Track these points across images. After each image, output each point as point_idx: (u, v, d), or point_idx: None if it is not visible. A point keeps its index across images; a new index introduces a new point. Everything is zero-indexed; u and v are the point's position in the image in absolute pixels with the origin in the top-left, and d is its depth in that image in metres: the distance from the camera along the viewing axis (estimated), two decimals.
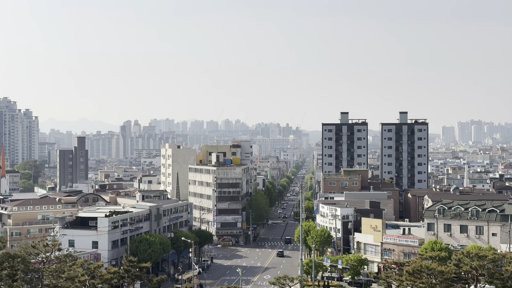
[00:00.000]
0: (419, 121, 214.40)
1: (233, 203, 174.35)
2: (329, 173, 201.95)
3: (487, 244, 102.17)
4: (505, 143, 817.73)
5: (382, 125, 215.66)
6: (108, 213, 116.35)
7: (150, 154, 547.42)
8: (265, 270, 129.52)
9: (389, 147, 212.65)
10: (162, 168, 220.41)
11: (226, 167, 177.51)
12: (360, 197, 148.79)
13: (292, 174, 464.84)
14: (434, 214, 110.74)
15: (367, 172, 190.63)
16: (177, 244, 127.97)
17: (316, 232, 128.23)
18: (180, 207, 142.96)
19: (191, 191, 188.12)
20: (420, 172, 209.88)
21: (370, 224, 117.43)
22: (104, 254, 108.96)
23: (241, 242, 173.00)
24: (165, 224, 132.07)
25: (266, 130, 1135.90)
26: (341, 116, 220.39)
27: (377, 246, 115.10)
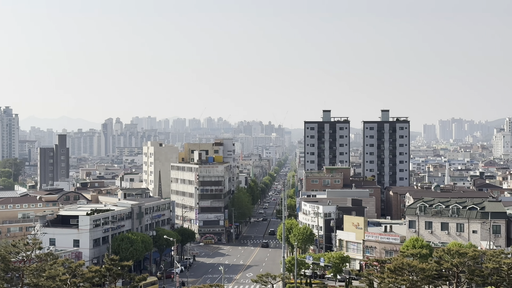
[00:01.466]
0: (401, 119, 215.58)
1: (215, 201, 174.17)
2: (311, 171, 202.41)
3: (468, 241, 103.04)
4: (486, 141, 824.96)
5: (364, 123, 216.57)
6: (90, 212, 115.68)
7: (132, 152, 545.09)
8: (248, 268, 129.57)
9: (371, 145, 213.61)
10: (144, 166, 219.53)
11: (208, 165, 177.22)
12: (342, 194, 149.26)
13: (275, 172, 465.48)
14: (416, 212, 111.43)
15: (349, 170, 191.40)
16: (159, 242, 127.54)
17: (298, 230, 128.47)
18: (162, 205, 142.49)
19: (173, 189, 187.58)
20: (402, 170, 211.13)
21: (352, 222, 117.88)
22: (85, 252, 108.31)
23: (223, 240, 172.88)
24: (147, 222, 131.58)
25: (248, 128, 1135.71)
26: (323, 114, 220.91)
27: (359, 243, 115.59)
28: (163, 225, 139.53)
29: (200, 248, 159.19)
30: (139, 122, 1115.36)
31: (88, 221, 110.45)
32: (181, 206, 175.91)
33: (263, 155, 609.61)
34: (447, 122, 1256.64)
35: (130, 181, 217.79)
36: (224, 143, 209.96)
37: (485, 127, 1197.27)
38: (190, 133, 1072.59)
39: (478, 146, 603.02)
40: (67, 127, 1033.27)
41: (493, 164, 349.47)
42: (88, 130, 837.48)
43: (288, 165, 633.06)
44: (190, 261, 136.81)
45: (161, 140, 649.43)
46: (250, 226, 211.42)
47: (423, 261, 78.47)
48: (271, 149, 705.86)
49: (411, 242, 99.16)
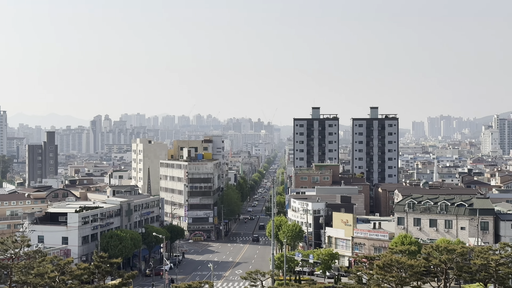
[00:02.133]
0: (390, 116, 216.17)
1: (204, 198, 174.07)
2: (301, 168, 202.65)
3: (456, 238, 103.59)
4: (474, 138, 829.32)
5: (353, 120, 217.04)
6: (78, 209, 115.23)
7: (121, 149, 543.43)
8: (237, 265, 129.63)
9: (360, 142, 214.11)
10: (133, 163, 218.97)
11: (197, 162, 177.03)
12: (331, 191, 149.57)
13: (264, 169, 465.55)
14: (404, 209, 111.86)
15: (338, 167, 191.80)
16: (148, 239, 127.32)
17: (287, 227, 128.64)
18: (151, 202, 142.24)
19: (163, 186, 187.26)
20: (391, 167, 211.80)
21: (341, 219, 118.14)
22: (74, 250, 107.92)
23: (212, 237, 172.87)
24: (136, 220, 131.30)
25: (237, 125, 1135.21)
26: (313, 111, 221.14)
27: (348, 240, 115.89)
28: (152, 222, 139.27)
29: (189, 245, 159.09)
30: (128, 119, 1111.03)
31: (77, 218, 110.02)
32: (170, 203, 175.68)
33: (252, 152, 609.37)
34: (436, 119, 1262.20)
35: (119, 178, 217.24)
36: (214, 140, 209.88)
37: (473, 124, 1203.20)
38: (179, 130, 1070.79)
39: (467, 143, 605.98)
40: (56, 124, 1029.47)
41: (481, 161, 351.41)
42: (77, 127, 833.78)
43: (278, 162, 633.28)
44: (179, 258, 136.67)
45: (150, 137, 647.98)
46: (239, 223, 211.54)
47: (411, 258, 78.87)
48: (260, 146, 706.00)
49: (399, 239, 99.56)
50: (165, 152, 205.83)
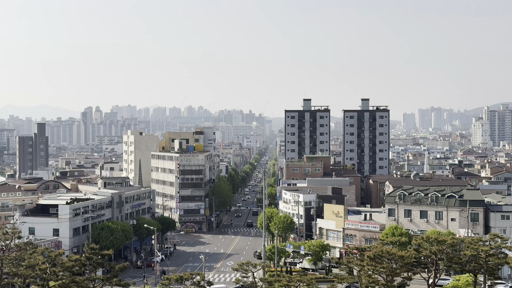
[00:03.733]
0: (381, 108, 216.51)
1: (196, 189, 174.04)
2: (292, 159, 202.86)
3: (446, 229, 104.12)
4: (464, 130, 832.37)
5: (344, 112, 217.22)
6: (69, 200, 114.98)
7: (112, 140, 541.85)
8: (228, 257, 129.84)
9: (351, 133, 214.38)
10: (124, 155, 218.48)
11: (189, 154, 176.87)
12: (323, 183, 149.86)
13: (255, 161, 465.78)
14: (395, 200, 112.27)
15: (329, 158, 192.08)
16: (139, 231, 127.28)
17: (279, 218, 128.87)
18: (143, 194, 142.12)
19: (154, 178, 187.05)
20: (382, 158, 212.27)
21: (332, 210, 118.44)
22: (65, 241, 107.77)
23: (204, 229, 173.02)
24: (127, 211, 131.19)
25: (229, 117, 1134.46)
26: (304, 103, 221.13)
27: (339, 231, 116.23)
28: (143, 214, 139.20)
29: (180, 236, 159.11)
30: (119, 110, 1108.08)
31: (68, 210, 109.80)
32: (161, 195, 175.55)
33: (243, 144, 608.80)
34: (427, 111, 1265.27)
35: (110, 170, 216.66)
36: (205, 132, 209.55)
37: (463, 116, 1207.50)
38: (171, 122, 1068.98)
39: (457, 135, 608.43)
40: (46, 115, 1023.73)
41: (472, 152, 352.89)
42: (68, 119, 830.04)
43: (269, 154, 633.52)
44: (171, 249, 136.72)
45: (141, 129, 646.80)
46: (231, 214, 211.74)
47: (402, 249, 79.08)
48: (251, 138, 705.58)
49: (390, 230, 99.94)
50: (156, 143, 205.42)
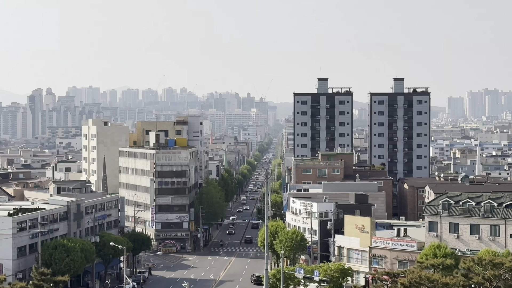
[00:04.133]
0: (419, 91, 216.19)
1: (177, 197, 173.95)
2: (303, 157, 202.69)
3: (505, 249, 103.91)
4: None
5: (372, 96, 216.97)
6: (12, 211, 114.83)
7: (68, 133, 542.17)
8: (220, 284, 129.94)
9: (380, 124, 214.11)
10: (84, 151, 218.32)
11: (168, 150, 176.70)
12: (343, 188, 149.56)
13: (255, 159, 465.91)
14: (437, 210, 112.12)
15: (352, 156, 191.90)
16: (104, 251, 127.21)
17: (285, 234, 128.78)
18: (108, 202, 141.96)
19: (123, 181, 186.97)
20: (420, 156, 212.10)
21: (356, 224, 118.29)
22: (7, 264, 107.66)
23: (188, 248, 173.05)
24: (88, 225, 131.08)
25: (221, 102, 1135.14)
26: (319, 84, 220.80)
27: (364, 251, 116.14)
28: (109, 229, 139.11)
29: (157, 258, 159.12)
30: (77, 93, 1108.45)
31: (10, 223, 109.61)
32: (132, 203, 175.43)
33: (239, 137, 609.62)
34: (479, 94, 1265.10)
35: (66, 171, 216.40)
36: (189, 122, 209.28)
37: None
38: (145, 108, 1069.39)
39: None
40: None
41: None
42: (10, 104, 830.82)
43: (273, 150, 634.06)
44: (145, 275, 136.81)
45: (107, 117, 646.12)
46: (223, 229, 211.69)
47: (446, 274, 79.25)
48: (250, 130, 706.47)
49: (431, 250, 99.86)
50: (125, 137, 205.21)
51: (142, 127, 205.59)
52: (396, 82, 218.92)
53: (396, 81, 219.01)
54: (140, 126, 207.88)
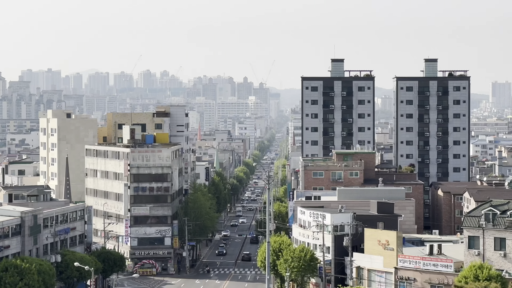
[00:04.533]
0: (457, 74, 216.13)
1: (157, 206, 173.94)
2: (313, 157, 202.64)
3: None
4: None
5: (398, 81, 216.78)
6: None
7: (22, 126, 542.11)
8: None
9: (409, 115, 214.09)
10: (42, 150, 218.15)
11: (146, 149, 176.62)
12: (363, 196, 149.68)
13: (254, 160, 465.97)
14: (479, 223, 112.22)
15: (373, 155, 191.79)
16: (66, 273, 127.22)
17: (291, 252, 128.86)
18: (72, 213, 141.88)
19: (90, 187, 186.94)
20: (457, 155, 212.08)
21: (379, 239, 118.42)
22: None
23: (171, 270, 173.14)
24: (47, 242, 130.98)
25: (211, 89, 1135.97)
26: (332, 66, 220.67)
27: (389, 273, 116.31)
28: (73, 246, 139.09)
29: (133, 282, 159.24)
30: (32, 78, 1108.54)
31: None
32: (102, 214, 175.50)
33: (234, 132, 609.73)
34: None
35: (19, 174, 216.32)
36: (172, 113, 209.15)
37: None
38: (117, 97, 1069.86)
39: None
40: None
41: None
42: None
43: (276, 149, 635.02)
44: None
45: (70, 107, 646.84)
46: (214, 246, 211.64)
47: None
48: (247, 123, 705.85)
49: (472, 271, 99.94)
50: (93, 132, 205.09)
51: (113, 119, 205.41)
52: (428, 64, 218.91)
53: (428, 63, 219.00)
54: (111, 118, 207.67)
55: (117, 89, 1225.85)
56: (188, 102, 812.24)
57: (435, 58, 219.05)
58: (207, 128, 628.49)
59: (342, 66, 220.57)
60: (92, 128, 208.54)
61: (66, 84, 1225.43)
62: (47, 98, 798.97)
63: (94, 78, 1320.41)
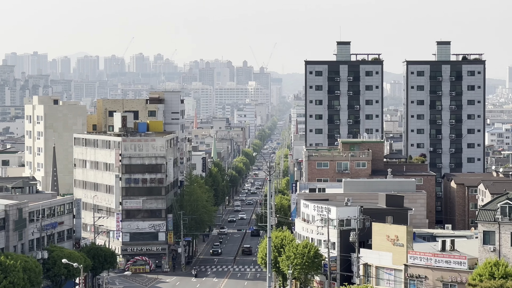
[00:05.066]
0: (471, 58, 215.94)
1: (151, 199, 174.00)
2: (318, 147, 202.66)
3: None
4: None
5: (408, 65, 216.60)
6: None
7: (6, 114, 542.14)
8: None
9: (420, 102, 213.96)
10: (27, 139, 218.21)
11: (139, 138, 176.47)
12: (371, 188, 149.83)
13: (254, 150, 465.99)
14: (495, 216, 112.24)
15: (382, 145, 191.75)
16: (54, 270, 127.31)
17: (294, 248, 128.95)
18: (60, 207, 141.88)
19: (79, 178, 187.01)
20: (472, 145, 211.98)
21: (387, 235, 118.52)
22: None
23: (165, 267, 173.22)
24: (32, 237, 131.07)
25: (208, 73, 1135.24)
26: (338, 49, 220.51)
27: (399, 271, 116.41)
28: (61, 241, 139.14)
29: (125, 280, 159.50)
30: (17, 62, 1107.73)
31: None
32: (92, 208, 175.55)
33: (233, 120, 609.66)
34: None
35: (3, 165, 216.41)
36: (166, 99, 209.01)
37: None
38: (108, 82, 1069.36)
39: None
40: None
41: None
42: None
43: (277, 138, 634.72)
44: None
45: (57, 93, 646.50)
46: (211, 242, 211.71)
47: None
48: (247, 110, 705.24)
49: (487, 269, 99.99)
50: (82, 119, 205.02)
51: (104, 106, 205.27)
52: (441, 47, 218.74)
53: (441, 46, 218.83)
54: (102, 105, 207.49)
55: (107, 74, 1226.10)
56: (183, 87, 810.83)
57: (448, 41, 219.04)
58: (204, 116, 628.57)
59: (348, 49, 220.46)
60: (81, 116, 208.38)
61: (53, 69, 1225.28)
62: (33, 83, 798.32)
63: (83, 62, 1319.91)
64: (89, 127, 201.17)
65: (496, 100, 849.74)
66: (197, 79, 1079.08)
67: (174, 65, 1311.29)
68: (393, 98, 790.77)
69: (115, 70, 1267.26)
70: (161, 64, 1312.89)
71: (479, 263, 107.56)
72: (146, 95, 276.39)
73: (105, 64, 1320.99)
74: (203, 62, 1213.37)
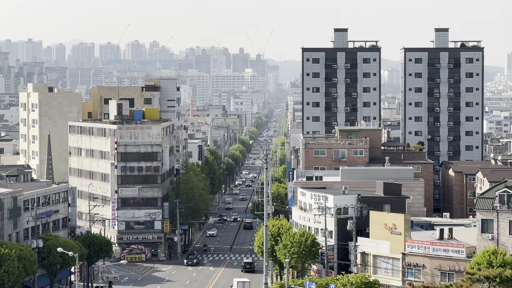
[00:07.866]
0: (469, 45, 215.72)
1: (147, 187, 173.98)
2: (315, 134, 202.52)
3: None
4: None
5: (406, 52, 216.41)
6: None
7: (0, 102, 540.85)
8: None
9: (418, 89, 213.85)
10: (22, 126, 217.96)
11: (134, 125, 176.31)
12: (368, 176, 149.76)
13: (251, 137, 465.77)
14: (493, 205, 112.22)
15: (379, 133, 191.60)
16: (49, 259, 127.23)
17: (291, 237, 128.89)
18: (55, 195, 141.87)
19: (74, 167, 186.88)
20: (470, 132, 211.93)
21: (385, 223, 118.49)
22: None
23: (161, 256, 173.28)
24: (27, 225, 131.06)
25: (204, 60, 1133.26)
26: (335, 36, 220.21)
27: (396, 259, 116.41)
28: (56, 230, 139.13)
29: (121, 268, 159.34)
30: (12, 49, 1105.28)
31: None
32: (87, 196, 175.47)
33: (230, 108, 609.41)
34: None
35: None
36: (162, 87, 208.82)
37: None
38: (103, 69, 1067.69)
39: None
40: None
41: None
42: None
43: (274, 125, 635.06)
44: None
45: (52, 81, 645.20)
46: (208, 230, 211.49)
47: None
48: (244, 97, 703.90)
49: (485, 257, 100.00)
50: (77, 107, 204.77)
51: (99, 94, 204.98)
52: (439, 33, 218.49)
53: (439, 33, 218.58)
54: (97, 92, 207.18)
55: (103, 61, 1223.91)
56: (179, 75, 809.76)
57: (446, 28, 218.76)
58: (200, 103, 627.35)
59: (346, 36, 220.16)
60: (76, 103, 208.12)
61: (48, 56, 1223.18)
62: (28, 71, 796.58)
63: (78, 49, 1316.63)
64: (84, 114, 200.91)
65: (494, 88, 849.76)
66: (193, 67, 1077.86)
67: (170, 52, 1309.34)
68: (390, 86, 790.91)
69: (110, 58, 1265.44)
70: (157, 52, 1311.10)
71: (477, 251, 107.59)
72: (141, 82, 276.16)
73: (100, 51, 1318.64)
74: (199, 49, 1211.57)
